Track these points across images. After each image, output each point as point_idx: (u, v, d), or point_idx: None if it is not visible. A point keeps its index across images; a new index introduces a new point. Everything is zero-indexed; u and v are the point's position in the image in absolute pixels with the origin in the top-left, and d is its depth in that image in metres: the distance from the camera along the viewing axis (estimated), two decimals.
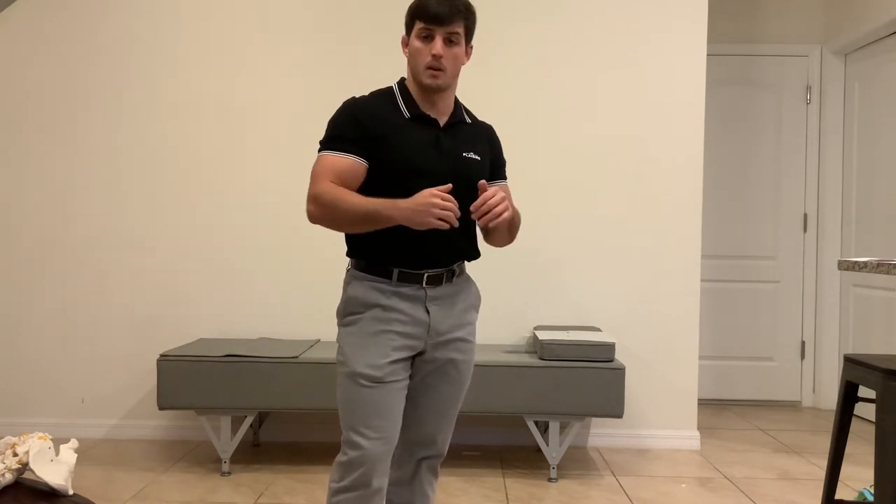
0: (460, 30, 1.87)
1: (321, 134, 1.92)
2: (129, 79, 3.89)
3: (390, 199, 1.78)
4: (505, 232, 2.01)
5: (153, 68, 3.89)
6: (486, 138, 2.06)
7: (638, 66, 3.85)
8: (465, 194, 1.88)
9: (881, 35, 4.42)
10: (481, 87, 3.76)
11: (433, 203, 1.72)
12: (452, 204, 1.73)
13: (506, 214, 1.80)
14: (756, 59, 4.87)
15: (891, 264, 1.99)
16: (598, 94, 3.86)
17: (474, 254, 2.02)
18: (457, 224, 1.76)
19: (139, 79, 3.89)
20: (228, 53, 3.89)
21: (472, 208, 1.80)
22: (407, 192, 1.81)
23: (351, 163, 1.85)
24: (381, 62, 3.61)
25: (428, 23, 1.85)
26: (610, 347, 3.34)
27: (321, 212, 1.83)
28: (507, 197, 1.85)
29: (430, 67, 1.86)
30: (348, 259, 1.98)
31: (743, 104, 4.88)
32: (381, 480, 1.88)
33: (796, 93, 4.87)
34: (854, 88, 4.72)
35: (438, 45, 1.84)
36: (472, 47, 1.96)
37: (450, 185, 1.77)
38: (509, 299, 3.85)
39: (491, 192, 1.79)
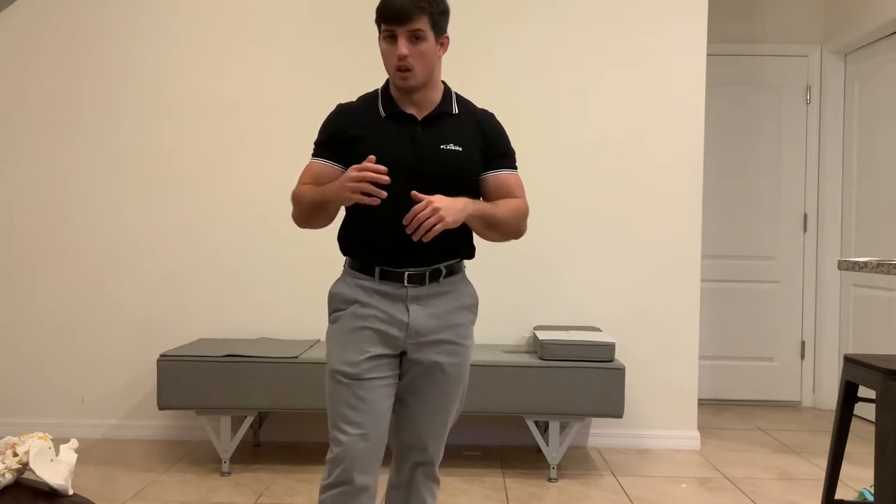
0: (423, 25, 1.82)
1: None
2: (128, 79, 3.89)
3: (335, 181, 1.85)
4: (482, 229, 1.92)
5: (153, 69, 3.89)
6: (476, 128, 1.98)
7: (638, 67, 3.85)
8: (445, 187, 1.84)
9: (881, 35, 4.42)
10: (479, 88, 3.75)
11: (349, 176, 1.76)
12: (368, 173, 1.73)
13: (438, 227, 1.74)
14: (756, 59, 4.87)
15: (891, 264, 1.99)
16: (598, 95, 3.86)
17: (465, 252, 1.98)
18: (382, 195, 1.74)
19: (138, 79, 3.89)
20: (227, 55, 3.88)
21: (404, 221, 1.77)
22: (385, 186, 1.77)
23: (323, 167, 1.94)
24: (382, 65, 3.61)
25: (388, 24, 1.83)
26: (610, 347, 3.33)
27: (293, 211, 1.97)
28: (447, 205, 1.77)
29: (398, 69, 1.85)
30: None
31: (743, 104, 4.88)
32: (366, 478, 1.85)
33: (796, 93, 4.87)
34: (854, 88, 4.71)
35: (402, 45, 1.82)
36: (447, 37, 1.91)
37: (372, 157, 1.76)
38: (509, 299, 3.85)
39: (421, 205, 1.75)
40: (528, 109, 3.85)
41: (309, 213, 1.93)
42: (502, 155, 2.01)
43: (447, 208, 1.76)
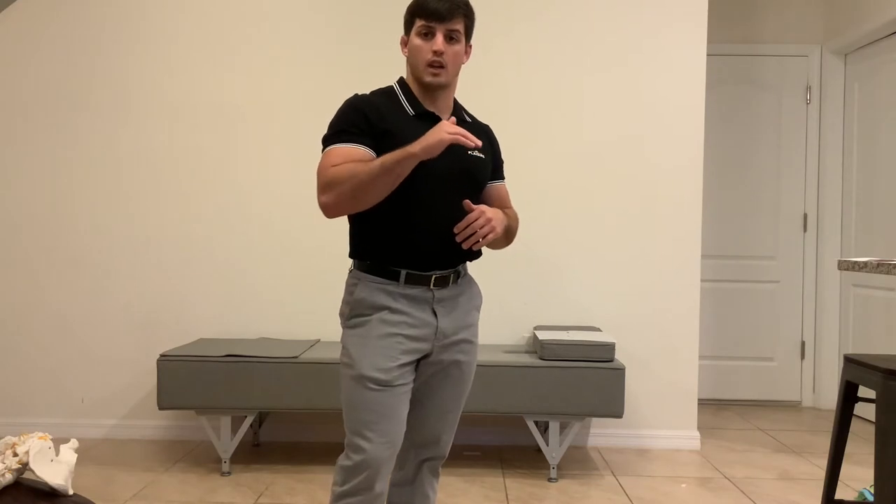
0: (460, 27, 1.87)
1: (320, 133, 1.91)
2: (129, 80, 3.89)
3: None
4: (501, 238, 1.99)
5: (154, 69, 3.89)
6: (486, 138, 2.05)
7: (638, 67, 3.85)
8: (467, 192, 1.88)
9: (881, 35, 4.42)
10: (479, 88, 3.76)
11: (440, 126, 1.71)
12: (461, 129, 1.72)
13: (490, 236, 1.80)
14: (756, 59, 4.87)
15: (891, 264, 1.99)
16: (598, 95, 3.86)
17: (477, 253, 2.00)
18: (479, 143, 1.73)
19: (139, 80, 3.89)
20: (228, 55, 3.88)
21: (455, 230, 1.80)
22: (414, 190, 1.81)
23: (363, 152, 1.81)
24: (381, 65, 3.61)
25: (428, 20, 1.85)
26: (610, 347, 3.33)
27: (336, 193, 1.76)
28: (496, 215, 1.83)
29: (430, 65, 1.85)
30: (351, 260, 1.96)
31: (743, 104, 4.88)
32: (384, 484, 1.87)
33: (796, 93, 4.87)
34: (854, 88, 4.71)
35: (439, 41, 1.84)
36: (471, 46, 1.96)
37: (454, 118, 1.77)
38: (509, 299, 3.85)
39: (475, 214, 1.78)
40: (528, 109, 3.85)
41: (371, 182, 1.73)
42: (501, 166, 2.12)
43: (496, 219, 1.82)
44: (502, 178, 2.11)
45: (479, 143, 1.73)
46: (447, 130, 1.70)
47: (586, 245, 3.86)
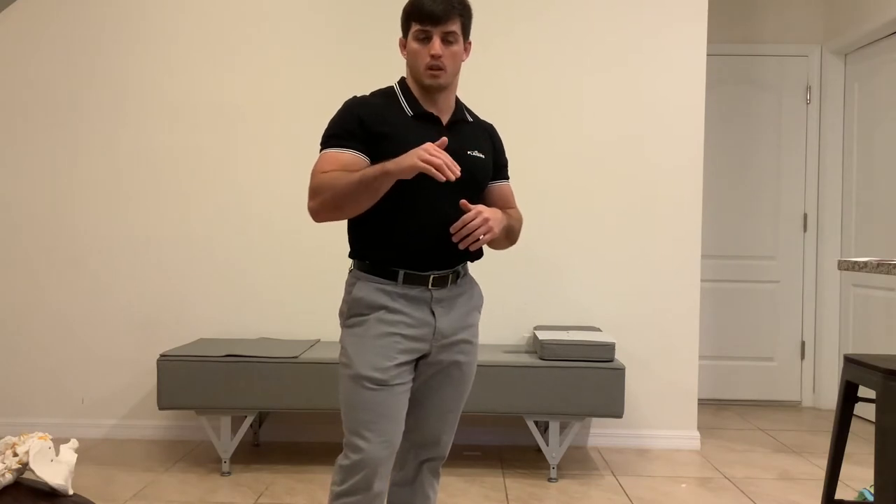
0: (456, 28, 1.86)
1: (320, 134, 1.91)
2: (129, 80, 3.89)
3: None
4: (502, 238, 1.99)
5: (154, 69, 3.89)
6: (488, 137, 2.04)
7: (638, 67, 3.85)
8: (467, 192, 1.88)
9: (881, 35, 4.42)
10: (479, 88, 3.76)
11: (422, 147, 1.69)
12: (443, 156, 1.68)
13: (487, 236, 1.79)
14: (756, 59, 4.87)
15: (891, 264, 1.99)
16: (599, 95, 3.86)
17: (478, 253, 2.00)
18: (454, 175, 1.69)
19: (139, 80, 3.89)
20: (228, 55, 3.88)
21: (451, 230, 1.80)
22: (411, 192, 1.81)
23: (353, 157, 1.82)
24: (381, 65, 3.61)
25: (423, 24, 1.84)
26: (610, 347, 3.33)
27: (319, 201, 1.80)
28: (494, 215, 1.82)
29: (429, 68, 1.85)
30: (351, 260, 1.97)
31: (743, 104, 4.88)
32: (382, 484, 1.87)
33: (796, 93, 4.87)
34: (854, 88, 4.71)
35: (436, 45, 1.83)
36: (470, 43, 1.95)
37: (445, 140, 1.74)
38: (509, 299, 3.85)
39: (472, 214, 1.78)
40: (528, 109, 3.85)
41: (350, 194, 1.76)
42: (504, 165, 2.11)
43: (494, 219, 1.82)
44: (506, 177, 2.10)
45: (453, 176, 1.68)
46: (420, 157, 1.68)
47: (586, 245, 3.86)
